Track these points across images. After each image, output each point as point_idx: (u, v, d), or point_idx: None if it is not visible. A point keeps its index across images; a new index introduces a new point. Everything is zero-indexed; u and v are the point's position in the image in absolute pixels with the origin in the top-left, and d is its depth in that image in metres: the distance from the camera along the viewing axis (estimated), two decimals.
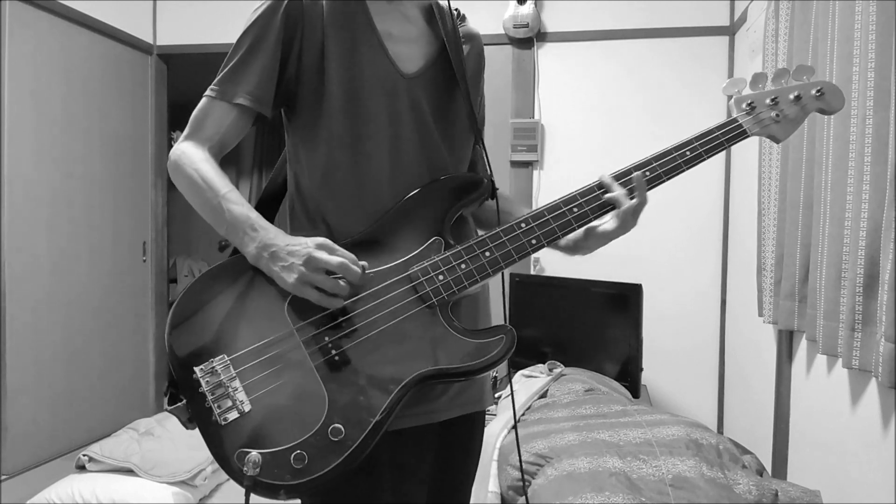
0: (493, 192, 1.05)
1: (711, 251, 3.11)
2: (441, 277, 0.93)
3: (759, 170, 2.38)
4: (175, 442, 2.52)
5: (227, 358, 0.87)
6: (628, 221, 0.99)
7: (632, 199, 0.99)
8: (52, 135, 2.93)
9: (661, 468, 1.60)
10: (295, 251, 0.87)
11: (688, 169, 1.02)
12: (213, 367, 0.86)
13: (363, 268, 0.89)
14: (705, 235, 3.11)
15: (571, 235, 1.01)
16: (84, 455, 2.48)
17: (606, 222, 1.01)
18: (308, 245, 0.87)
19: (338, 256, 0.87)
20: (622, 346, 2.67)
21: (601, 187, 1.00)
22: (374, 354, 0.88)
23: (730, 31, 3.06)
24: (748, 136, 1.03)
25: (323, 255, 0.86)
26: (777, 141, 1.06)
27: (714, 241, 3.10)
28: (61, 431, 2.98)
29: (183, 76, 3.73)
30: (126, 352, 3.41)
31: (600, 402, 2.08)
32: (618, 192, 0.99)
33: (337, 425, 0.84)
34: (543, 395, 2.31)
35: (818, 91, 1.02)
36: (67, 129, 3.01)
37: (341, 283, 0.87)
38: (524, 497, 1.58)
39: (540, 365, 2.64)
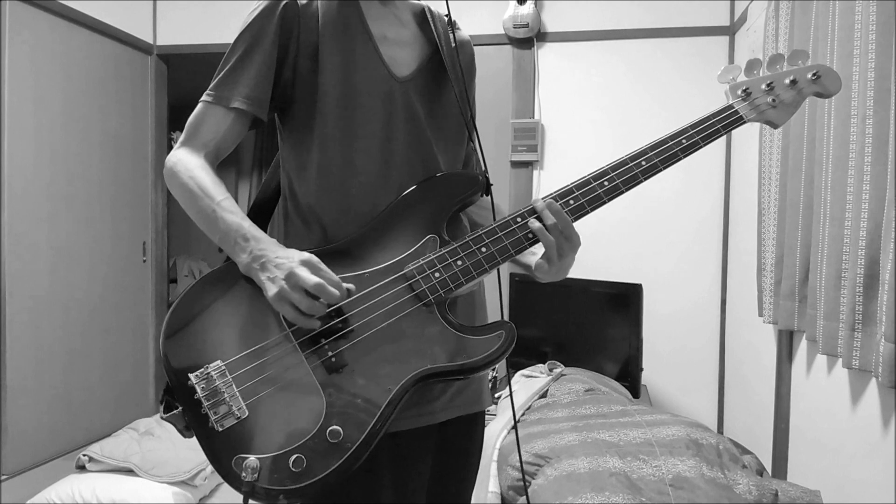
0: (487, 189, 1.04)
1: (711, 251, 3.11)
2: (437, 275, 0.92)
3: (759, 170, 2.38)
4: (175, 442, 2.52)
5: (222, 364, 0.86)
6: (554, 261, 0.95)
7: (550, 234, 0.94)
8: (52, 135, 2.93)
9: (661, 468, 1.60)
10: (280, 264, 0.86)
11: (684, 157, 1.01)
12: (209, 374, 0.85)
13: (347, 291, 0.87)
14: (705, 235, 3.11)
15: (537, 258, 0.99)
16: (84, 455, 2.48)
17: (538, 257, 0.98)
18: (293, 260, 0.86)
19: (318, 277, 0.84)
20: (622, 346, 2.67)
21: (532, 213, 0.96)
22: (371, 355, 0.88)
23: (730, 31, 3.06)
24: (745, 122, 1.03)
25: (304, 272, 0.84)
26: (774, 126, 1.06)
27: (714, 241, 3.10)
28: (61, 431, 2.98)
29: (183, 76, 3.73)
30: (126, 352, 3.41)
31: (600, 402, 2.08)
32: (535, 226, 0.94)
33: (335, 427, 0.83)
34: (543, 395, 2.31)
35: (814, 74, 1.01)
36: (67, 129, 3.01)
37: (317, 303, 0.84)
38: (525, 497, 1.58)
39: (540, 365, 2.64)
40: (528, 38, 3.21)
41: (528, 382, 2.44)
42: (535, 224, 0.94)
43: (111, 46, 3.28)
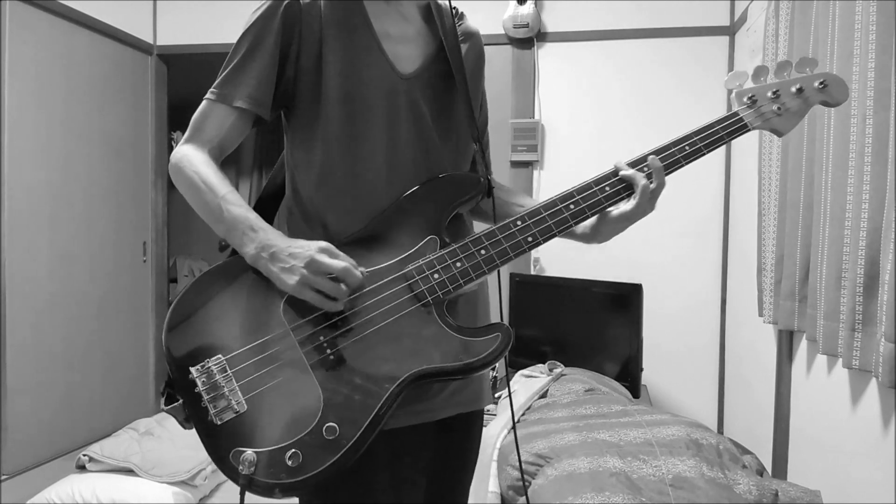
0: (489, 191, 1.05)
1: (711, 251, 3.11)
2: (436, 276, 0.93)
3: (759, 170, 2.38)
4: (175, 442, 2.52)
5: (222, 358, 0.87)
6: (645, 204, 0.99)
7: (651, 181, 0.99)
8: (53, 135, 2.93)
9: (662, 468, 1.60)
10: (297, 253, 0.88)
11: (686, 164, 1.02)
12: (209, 368, 0.87)
13: (362, 273, 0.90)
14: (705, 235, 3.11)
15: (587, 222, 1.01)
16: (84, 455, 2.48)
17: (621, 207, 1.01)
18: (310, 248, 0.88)
19: (340, 261, 0.87)
20: (622, 346, 2.67)
21: (613, 175, 1.01)
22: (369, 353, 0.89)
23: (730, 31, 3.06)
24: (749, 130, 1.03)
25: (325, 258, 0.87)
26: (779, 134, 1.05)
27: (714, 241, 3.10)
28: (61, 431, 2.98)
29: (183, 76, 3.73)
30: (126, 352, 3.41)
31: (600, 402, 2.08)
32: (632, 171, 0.99)
33: (332, 424, 0.84)
34: (543, 395, 2.31)
35: (821, 83, 1.01)
36: (67, 129, 3.01)
37: (341, 286, 0.87)
38: (524, 497, 1.58)
39: (540, 365, 2.64)
40: (528, 39, 3.21)
41: (528, 382, 2.44)
42: (642, 180, 0.98)
43: (111, 47, 3.28)
